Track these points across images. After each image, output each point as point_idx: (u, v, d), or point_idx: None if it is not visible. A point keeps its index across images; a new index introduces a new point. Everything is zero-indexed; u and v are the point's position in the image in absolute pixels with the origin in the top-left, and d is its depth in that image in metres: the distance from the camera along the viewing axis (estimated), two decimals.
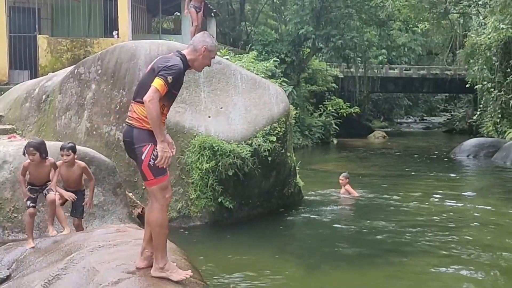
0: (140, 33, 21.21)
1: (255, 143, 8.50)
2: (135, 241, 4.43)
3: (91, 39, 18.04)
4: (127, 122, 4.02)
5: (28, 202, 5.31)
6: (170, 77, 3.86)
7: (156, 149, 3.86)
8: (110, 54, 9.51)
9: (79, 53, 17.06)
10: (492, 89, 25.66)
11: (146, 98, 3.79)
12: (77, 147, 7.09)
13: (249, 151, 8.36)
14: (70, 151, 5.72)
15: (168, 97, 3.96)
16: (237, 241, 7.81)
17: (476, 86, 27.09)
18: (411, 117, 54.18)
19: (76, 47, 17.35)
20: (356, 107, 29.06)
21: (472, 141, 20.83)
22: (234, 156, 8.19)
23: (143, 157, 3.86)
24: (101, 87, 9.33)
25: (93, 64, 9.62)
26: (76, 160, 5.86)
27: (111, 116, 9.04)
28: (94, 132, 9.17)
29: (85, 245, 4.41)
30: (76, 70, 9.83)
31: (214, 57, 4.24)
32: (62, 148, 5.79)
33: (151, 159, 3.85)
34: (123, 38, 17.14)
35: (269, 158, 8.65)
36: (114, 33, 18.20)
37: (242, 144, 8.41)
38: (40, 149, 5.26)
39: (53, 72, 13.06)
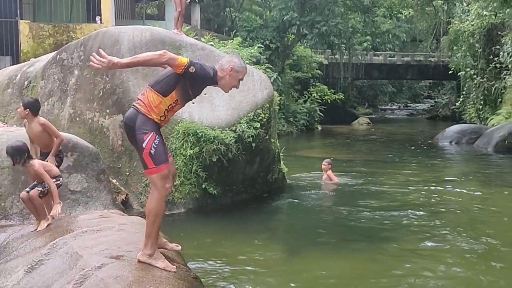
0: (123, 18, 21.06)
1: (239, 129, 8.51)
2: (119, 226, 4.45)
3: (73, 24, 17.88)
4: (134, 105, 4.00)
5: (27, 188, 5.24)
6: (193, 68, 3.89)
7: (157, 138, 3.88)
8: (93, 40, 9.44)
9: (62, 38, 16.92)
10: (475, 76, 25.90)
11: (164, 53, 3.83)
12: (60, 133, 7.07)
13: (233, 137, 8.38)
14: (20, 104, 5.62)
15: (183, 95, 3.99)
16: (221, 226, 7.84)
17: (459, 73, 27.33)
18: (395, 103, 54.49)
19: (58, 33, 17.20)
20: (340, 93, 29.18)
21: (454, 128, 21.05)
22: (218, 142, 8.21)
23: (144, 145, 3.87)
24: (84, 73, 9.27)
25: (75, 50, 9.55)
26: (37, 116, 5.67)
27: (94, 102, 8.99)
28: (77, 119, 9.12)
29: (68, 230, 4.42)
30: (58, 56, 9.75)
31: (242, 79, 4.23)
32: None
33: (152, 148, 3.86)
34: (106, 24, 17.02)
35: (253, 144, 8.67)
36: (97, 18, 18.06)
37: (226, 130, 8.42)
38: (11, 154, 5.08)
39: (35, 57, 12.94)
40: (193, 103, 8.75)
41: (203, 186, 8.31)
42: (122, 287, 3.15)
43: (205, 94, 8.91)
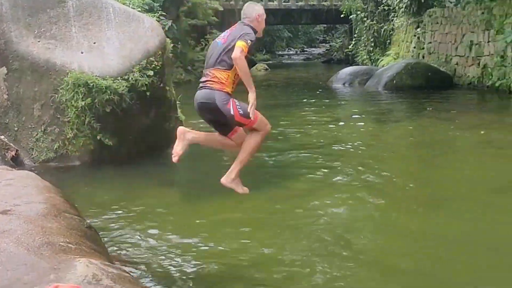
0: None
1: (132, 78, 8.31)
2: (5, 181, 4.26)
3: None
4: (206, 86, 4.63)
5: None
6: (249, 40, 4.54)
7: (236, 101, 4.55)
8: None
9: None
10: (365, 19, 26.76)
11: (234, 55, 4.44)
12: None
13: (126, 86, 8.19)
14: None
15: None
16: (119, 177, 7.74)
17: (351, 16, 28.07)
18: (292, 49, 55.30)
19: None
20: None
21: (347, 70, 21.77)
22: (110, 92, 7.99)
23: (232, 112, 4.61)
24: None
25: None
26: None
27: None
28: None
29: None
30: None
31: (266, 19, 4.98)
32: None
33: (238, 109, 4.60)
34: None
35: (148, 93, 8.53)
36: None
37: (118, 79, 8.20)
38: None
39: None
40: (82, 52, 8.48)
41: (98, 137, 8.11)
42: (10, 241, 3.06)
43: (94, 43, 8.63)
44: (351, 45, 30.75)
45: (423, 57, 21.64)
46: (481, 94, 16.55)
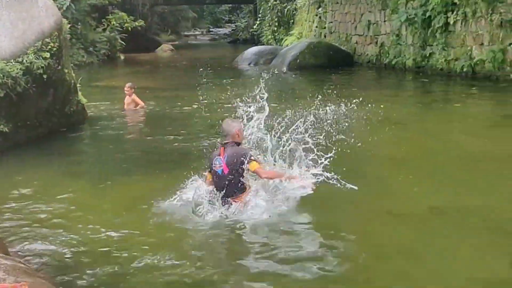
0: None
1: (26, 61, 7.94)
2: None
3: None
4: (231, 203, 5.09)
5: None
6: (253, 155, 5.10)
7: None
8: None
9: None
10: None
11: (263, 178, 5.13)
12: None
13: (21, 69, 7.80)
14: None
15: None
16: (18, 165, 7.37)
17: None
18: (198, 29, 54.92)
19: None
20: (140, 20, 28.48)
21: (252, 50, 21.90)
22: (3, 76, 7.58)
23: None
24: None
25: None
26: None
27: None
28: None
29: None
30: None
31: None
32: None
33: None
34: None
35: (44, 76, 8.18)
36: None
37: (11, 62, 7.79)
38: None
39: None
40: None
41: None
42: None
43: None
44: (256, 25, 30.99)
45: (325, 36, 22.18)
46: (379, 72, 17.24)
